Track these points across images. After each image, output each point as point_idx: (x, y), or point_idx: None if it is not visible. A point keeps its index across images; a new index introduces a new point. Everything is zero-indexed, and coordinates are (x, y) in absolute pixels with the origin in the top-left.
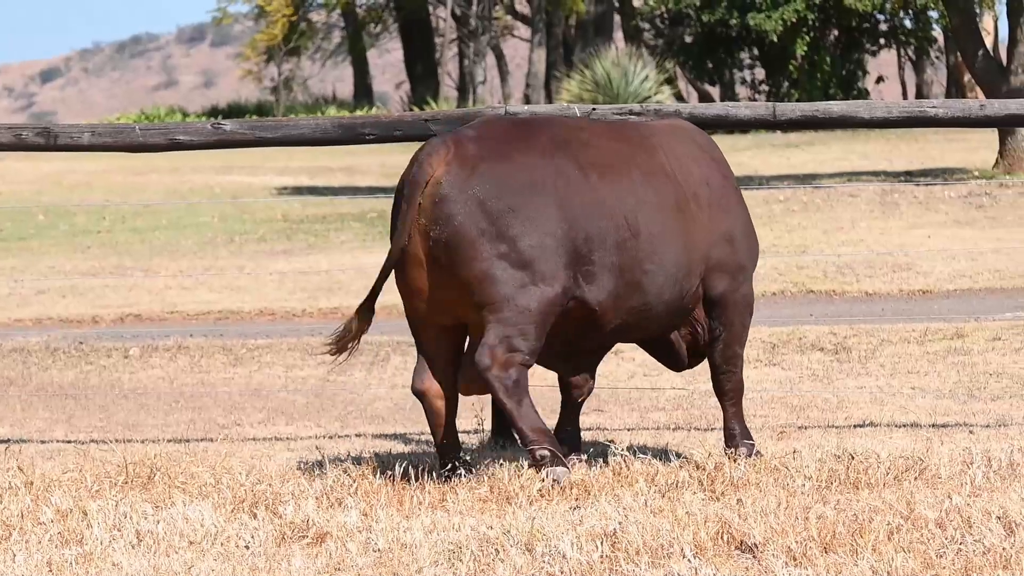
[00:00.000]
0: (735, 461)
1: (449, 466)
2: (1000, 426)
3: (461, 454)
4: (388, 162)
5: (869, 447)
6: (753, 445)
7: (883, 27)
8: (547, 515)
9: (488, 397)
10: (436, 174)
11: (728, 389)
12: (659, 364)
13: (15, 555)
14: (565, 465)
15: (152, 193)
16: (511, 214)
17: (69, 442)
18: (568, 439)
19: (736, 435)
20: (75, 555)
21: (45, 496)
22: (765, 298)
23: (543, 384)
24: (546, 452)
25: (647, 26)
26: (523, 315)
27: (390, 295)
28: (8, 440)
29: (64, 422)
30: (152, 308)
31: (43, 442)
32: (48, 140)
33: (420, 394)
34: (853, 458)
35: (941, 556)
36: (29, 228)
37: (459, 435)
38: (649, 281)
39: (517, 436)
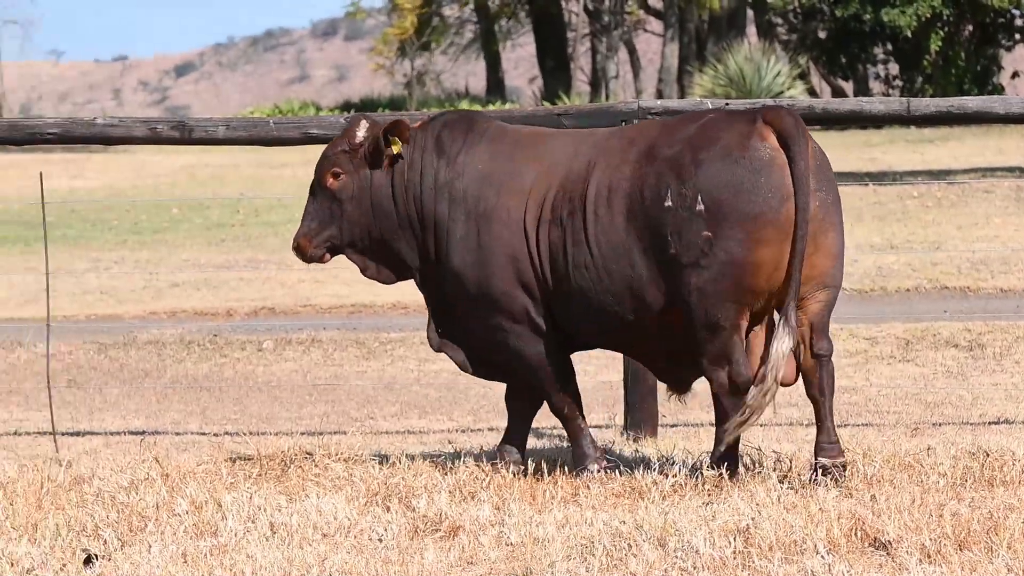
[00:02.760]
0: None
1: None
2: None
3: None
4: None
5: (1004, 444)
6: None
7: (1018, 22)
8: (680, 510)
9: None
10: (811, 143)
11: None
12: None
13: (151, 546)
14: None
15: (285, 187)
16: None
17: (203, 434)
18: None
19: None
20: (209, 546)
21: (180, 488)
22: (899, 294)
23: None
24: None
25: (780, 21)
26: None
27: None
28: (144, 432)
29: (199, 414)
30: (286, 301)
31: (178, 434)
32: (183, 134)
33: (749, 384)
34: (988, 455)
35: None
36: (163, 221)
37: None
38: None
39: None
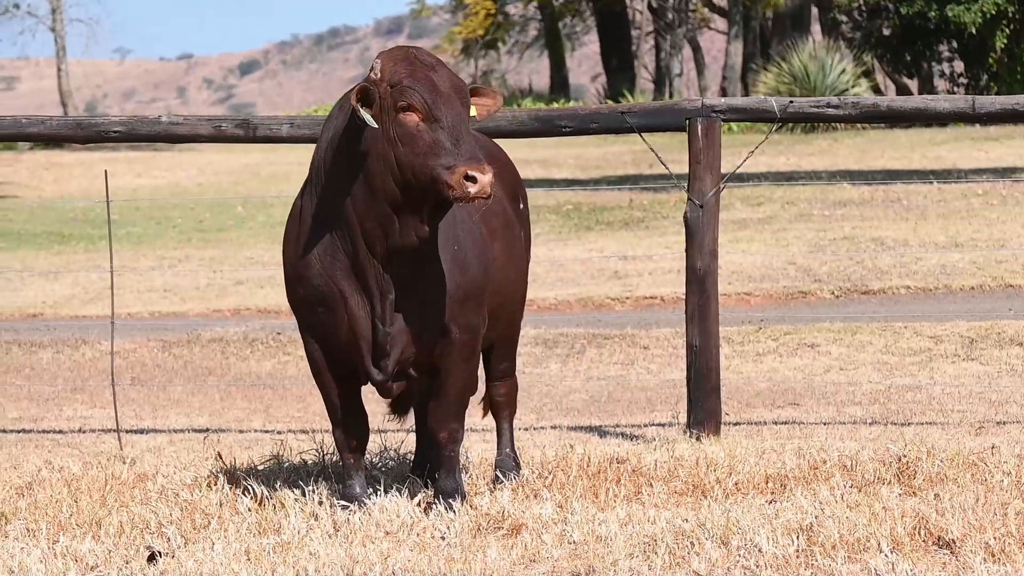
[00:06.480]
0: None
1: None
2: None
3: None
4: (584, 155)
5: None
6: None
7: None
8: (742, 509)
9: None
10: None
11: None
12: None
13: (214, 543)
14: None
15: None
16: None
17: (267, 432)
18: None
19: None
20: (272, 544)
21: (244, 485)
22: (963, 292)
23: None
24: None
25: (844, 18)
26: None
27: (584, 287)
28: (207, 430)
29: (262, 412)
30: None
31: (241, 432)
32: (247, 132)
33: None
34: None
35: None
36: (228, 219)
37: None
38: None
39: None
